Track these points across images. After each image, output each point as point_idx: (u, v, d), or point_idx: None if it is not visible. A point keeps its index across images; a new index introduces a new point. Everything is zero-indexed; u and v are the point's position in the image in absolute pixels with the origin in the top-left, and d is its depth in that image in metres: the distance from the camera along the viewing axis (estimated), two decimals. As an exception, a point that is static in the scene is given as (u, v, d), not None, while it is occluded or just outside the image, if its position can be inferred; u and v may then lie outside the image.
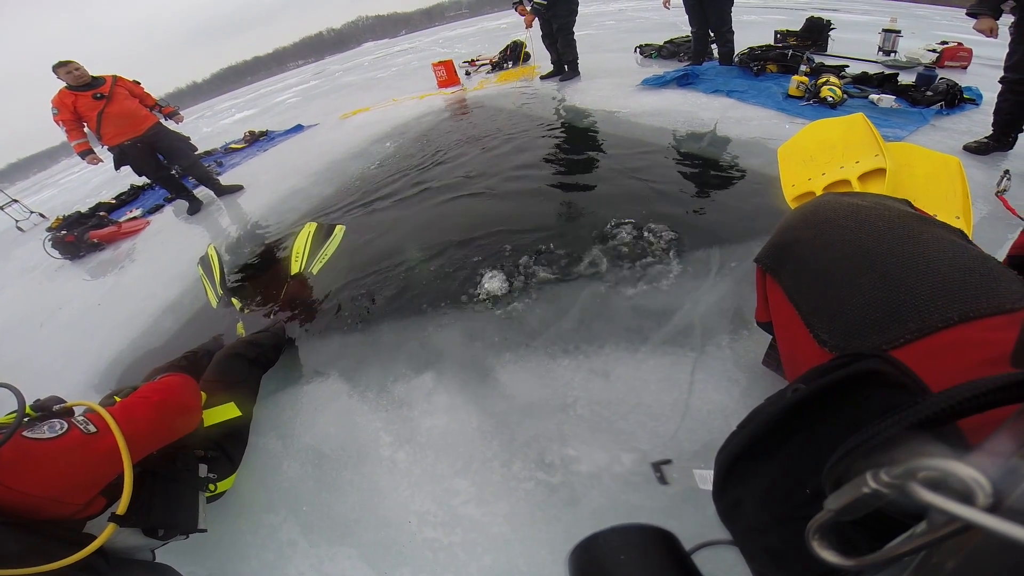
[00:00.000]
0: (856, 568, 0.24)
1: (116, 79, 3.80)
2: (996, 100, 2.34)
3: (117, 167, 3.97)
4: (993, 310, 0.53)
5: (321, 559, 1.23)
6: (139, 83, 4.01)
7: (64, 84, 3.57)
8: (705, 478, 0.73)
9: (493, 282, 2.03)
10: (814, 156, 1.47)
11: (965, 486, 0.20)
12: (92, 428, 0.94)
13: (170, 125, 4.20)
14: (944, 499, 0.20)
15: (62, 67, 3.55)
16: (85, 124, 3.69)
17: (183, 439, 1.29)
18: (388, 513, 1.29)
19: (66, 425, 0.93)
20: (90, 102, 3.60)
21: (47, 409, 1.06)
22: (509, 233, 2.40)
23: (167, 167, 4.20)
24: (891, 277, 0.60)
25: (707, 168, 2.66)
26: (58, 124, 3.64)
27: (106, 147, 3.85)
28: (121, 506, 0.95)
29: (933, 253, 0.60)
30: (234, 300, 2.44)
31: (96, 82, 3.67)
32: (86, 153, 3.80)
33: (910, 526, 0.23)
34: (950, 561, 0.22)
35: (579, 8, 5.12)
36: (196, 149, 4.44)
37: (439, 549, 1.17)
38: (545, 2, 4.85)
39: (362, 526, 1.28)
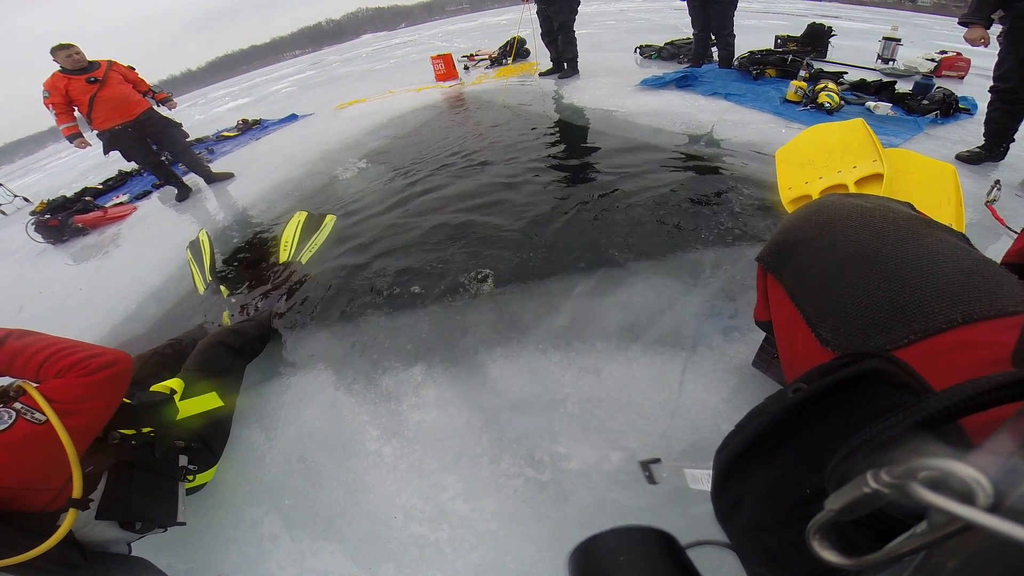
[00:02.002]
0: (856, 568, 0.24)
1: (111, 64, 3.76)
2: (987, 110, 2.37)
3: (107, 151, 3.91)
4: (996, 312, 0.53)
5: (303, 554, 1.21)
6: (133, 69, 3.96)
7: (58, 67, 3.52)
8: (696, 477, 0.72)
9: (483, 276, 2.02)
10: (812, 160, 1.47)
11: (965, 486, 0.19)
12: (40, 417, 0.90)
13: (163, 111, 4.15)
14: (944, 499, 0.19)
15: (62, 50, 3.51)
16: (76, 108, 3.64)
17: (164, 429, 1.26)
18: (373, 508, 1.27)
19: (14, 414, 0.89)
20: (83, 86, 3.55)
21: (5, 393, 1.03)
22: (501, 228, 2.39)
23: (157, 153, 4.14)
24: (895, 278, 0.60)
25: (702, 170, 2.66)
26: (48, 107, 3.58)
27: (96, 132, 3.79)
28: (75, 489, 0.91)
29: (937, 255, 0.60)
30: (221, 287, 2.41)
31: (91, 66, 3.63)
32: (74, 137, 3.74)
33: (911, 526, 0.22)
34: (950, 561, 0.22)
35: (580, 7, 5.11)
36: (188, 135, 4.38)
37: (425, 545, 1.16)
38: None
39: (346, 521, 1.26)
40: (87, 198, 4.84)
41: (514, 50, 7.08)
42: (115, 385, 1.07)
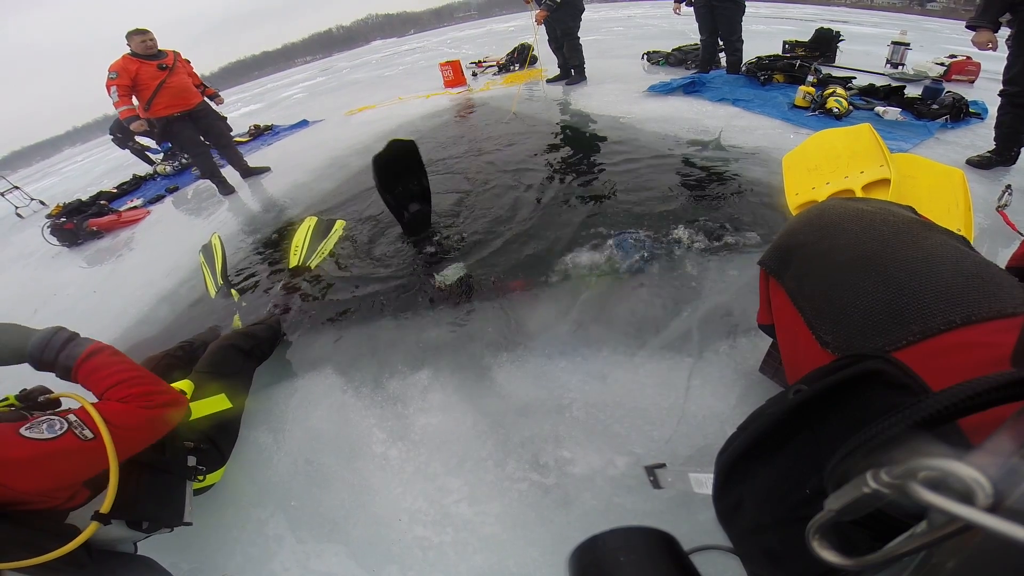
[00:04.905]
0: (856, 568, 0.24)
1: (177, 55, 3.92)
2: (997, 114, 2.35)
3: (161, 138, 4.07)
4: (995, 314, 0.53)
5: (308, 555, 1.22)
6: (189, 62, 4.12)
7: (128, 51, 3.67)
8: (700, 481, 0.72)
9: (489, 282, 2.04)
10: (819, 165, 1.47)
11: (965, 486, 0.19)
12: (88, 434, 0.92)
13: (211, 105, 4.31)
14: (944, 499, 0.19)
15: (137, 35, 3.68)
16: (134, 94, 3.75)
17: (173, 430, 1.27)
18: (378, 510, 1.28)
19: (65, 425, 0.91)
20: (154, 71, 3.70)
21: (32, 399, 1.05)
22: (508, 233, 2.40)
23: (207, 146, 4.24)
24: (894, 280, 0.60)
25: (710, 176, 2.66)
26: (110, 88, 3.66)
27: (151, 119, 3.91)
28: (105, 505, 0.93)
29: (936, 258, 0.60)
30: (232, 291, 2.43)
31: (160, 54, 3.78)
32: (132, 119, 3.83)
33: (910, 526, 0.22)
34: (950, 561, 0.22)
35: (586, 14, 5.14)
36: (232, 130, 4.64)
37: (429, 548, 1.16)
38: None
39: (351, 523, 1.27)
40: (102, 202, 4.94)
41: (523, 57, 7.13)
42: (165, 423, 1.12)
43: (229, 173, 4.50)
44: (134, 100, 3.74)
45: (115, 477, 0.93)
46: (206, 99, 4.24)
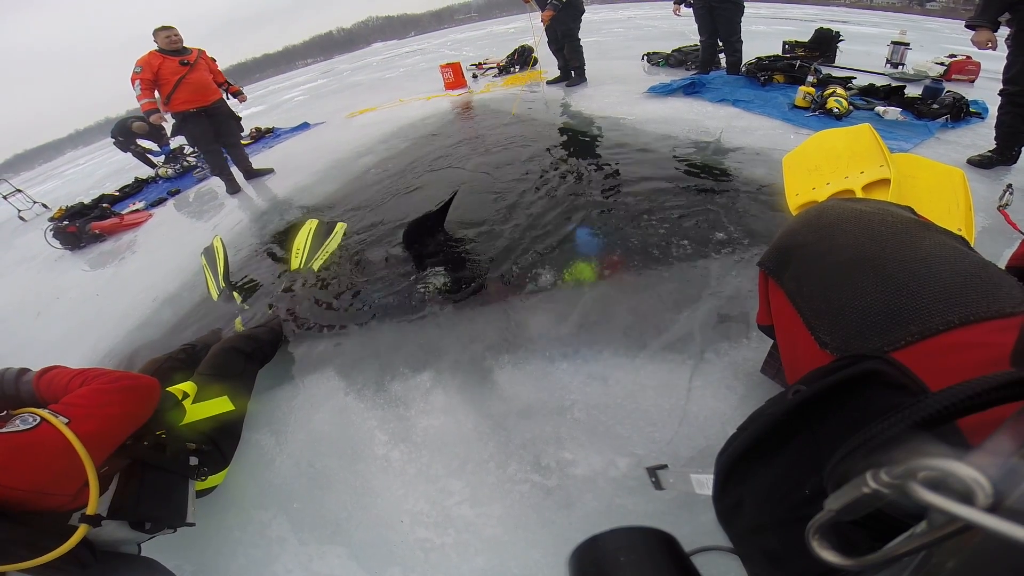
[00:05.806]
0: (856, 568, 0.24)
1: (201, 52, 4.01)
2: (997, 113, 2.35)
3: (175, 132, 4.18)
4: (994, 314, 0.53)
5: (310, 557, 1.22)
6: (215, 60, 4.19)
7: (155, 47, 3.77)
8: (702, 483, 0.72)
9: (489, 284, 2.04)
10: (819, 166, 1.47)
11: (965, 486, 0.19)
12: (63, 418, 0.94)
13: (232, 103, 4.39)
14: (944, 499, 0.19)
15: (162, 31, 3.79)
16: (156, 88, 3.83)
17: (174, 432, 1.28)
18: (380, 512, 1.28)
19: (39, 418, 0.92)
20: (175, 67, 3.80)
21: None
22: (509, 235, 2.40)
23: (217, 142, 4.29)
24: (893, 280, 0.60)
25: (710, 177, 2.66)
26: (134, 81, 3.76)
27: (168, 113, 4.00)
28: (90, 506, 0.93)
29: (935, 258, 0.60)
30: (235, 294, 2.44)
31: (184, 51, 3.88)
32: (152, 112, 3.89)
33: (910, 526, 0.22)
34: (950, 561, 0.22)
35: (586, 15, 5.14)
36: (243, 130, 4.79)
37: (431, 549, 1.16)
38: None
39: (353, 525, 1.27)
40: (104, 205, 4.96)
41: (523, 59, 7.14)
42: (133, 396, 1.12)
43: (233, 173, 4.53)
44: (156, 94, 3.81)
45: (90, 465, 0.92)
46: (230, 96, 4.33)
